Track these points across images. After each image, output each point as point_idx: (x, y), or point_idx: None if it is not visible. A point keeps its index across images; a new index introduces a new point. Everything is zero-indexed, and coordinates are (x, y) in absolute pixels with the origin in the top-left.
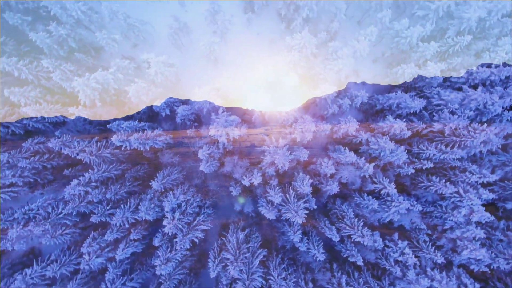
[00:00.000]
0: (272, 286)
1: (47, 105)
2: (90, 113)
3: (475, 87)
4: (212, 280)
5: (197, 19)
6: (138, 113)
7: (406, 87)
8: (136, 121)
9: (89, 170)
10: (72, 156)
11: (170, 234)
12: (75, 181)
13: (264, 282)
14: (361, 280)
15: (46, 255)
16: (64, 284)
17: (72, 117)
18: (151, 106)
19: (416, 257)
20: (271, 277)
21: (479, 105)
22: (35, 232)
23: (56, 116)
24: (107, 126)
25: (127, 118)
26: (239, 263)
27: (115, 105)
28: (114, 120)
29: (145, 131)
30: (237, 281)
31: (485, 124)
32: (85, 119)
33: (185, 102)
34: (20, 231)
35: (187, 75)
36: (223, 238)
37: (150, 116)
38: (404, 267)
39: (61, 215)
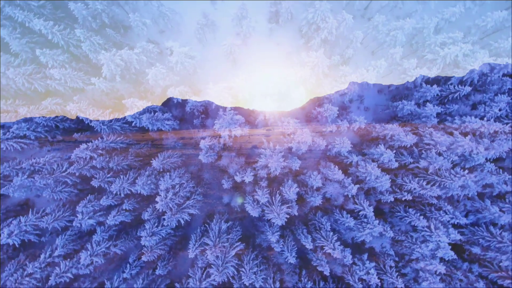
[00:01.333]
0: (243, 277)
1: (72, 71)
2: (109, 86)
3: (465, 134)
4: (188, 262)
5: (224, 20)
6: (152, 94)
7: (403, 122)
8: (150, 102)
9: (98, 138)
10: (86, 122)
11: (160, 210)
12: (84, 145)
13: (236, 272)
14: None
15: (40, 208)
16: (52, 238)
17: (93, 86)
18: (166, 91)
19: (379, 279)
20: (243, 270)
21: (465, 152)
22: (37, 183)
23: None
24: (123, 101)
25: (141, 97)
26: (217, 250)
27: (132, 83)
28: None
29: (156, 113)
30: (212, 266)
31: (467, 171)
32: (102, 91)
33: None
34: (24, 180)
35: (205, 69)
36: (207, 225)
37: (161, 100)
38: (367, 286)
39: (64, 173)
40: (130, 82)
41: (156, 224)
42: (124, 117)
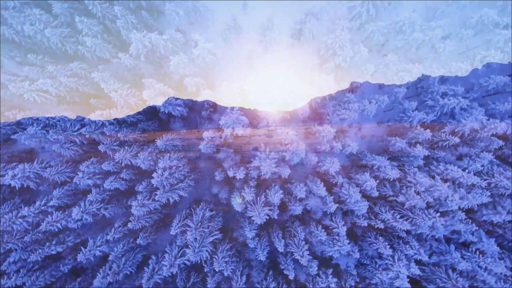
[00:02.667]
0: (214, 263)
1: (102, 42)
2: (133, 63)
3: (445, 181)
4: (167, 240)
5: (251, 26)
6: (170, 79)
7: (392, 157)
8: (166, 86)
9: (113, 108)
10: (106, 91)
11: (153, 186)
12: (99, 112)
13: (209, 257)
14: None
15: (42, 160)
16: (49, 189)
17: (119, 60)
18: (184, 79)
19: None
20: (216, 257)
21: (441, 196)
22: (50, 135)
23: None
24: (143, 80)
25: (160, 80)
26: (197, 233)
27: (155, 66)
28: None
29: (170, 98)
30: (189, 247)
31: (439, 214)
32: (126, 66)
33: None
34: (38, 130)
35: (223, 67)
36: (192, 210)
37: (177, 87)
38: None
39: (75, 133)
40: (152, 64)
41: (147, 198)
42: (142, 95)
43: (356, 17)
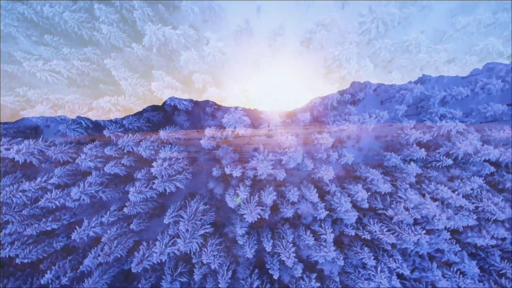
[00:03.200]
0: (203, 256)
1: (117, 30)
2: (144, 54)
3: (435, 200)
4: (159, 229)
5: (262, 29)
6: (178, 73)
7: (386, 171)
8: (174, 80)
9: (122, 95)
10: (116, 78)
11: (152, 174)
12: (107, 98)
13: (198, 249)
14: None
15: (45, 138)
16: (51, 167)
17: (131, 50)
18: (192, 75)
19: None
20: (205, 249)
21: (429, 215)
22: (56, 115)
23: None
24: (152, 71)
25: (169, 73)
26: (189, 224)
27: (165, 59)
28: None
29: (177, 91)
30: (180, 237)
31: (425, 231)
32: (138, 56)
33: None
34: (47, 109)
35: (231, 66)
36: (187, 202)
37: (185, 82)
38: None
39: (83, 115)
40: (163, 56)
41: (145, 185)
42: (151, 86)
43: (365, 33)
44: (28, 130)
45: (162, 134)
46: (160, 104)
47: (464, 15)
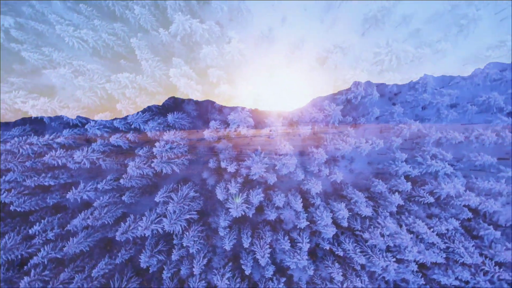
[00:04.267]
0: (183, 239)
1: (148, 14)
2: (168, 41)
3: (410, 232)
4: (148, 206)
5: (283, 39)
6: (196, 64)
7: (371, 196)
8: (191, 70)
9: (140, 75)
10: (138, 57)
11: (153, 153)
12: (126, 74)
13: (180, 232)
14: (237, 285)
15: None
16: (59, 127)
17: (157, 34)
18: (209, 68)
19: None
20: (187, 233)
21: (401, 245)
22: (76, 80)
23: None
24: (173, 58)
25: (187, 63)
26: (177, 207)
27: (187, 49)
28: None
29: (191, 81)
30: (166, 217)
31: (395, 259)
32: (162, 41)
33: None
34: (68, 73)
35: (247, 68)
36: (179, 186)
37: (200, 74)
38: None
39: (99, 85)
40: (186, 46)
41: (144, 162)
42: (168, 69)
43: (378, 63)
44: (45, 88)
45: (170, 118)
46: (174, 90)
47: (474, 65)
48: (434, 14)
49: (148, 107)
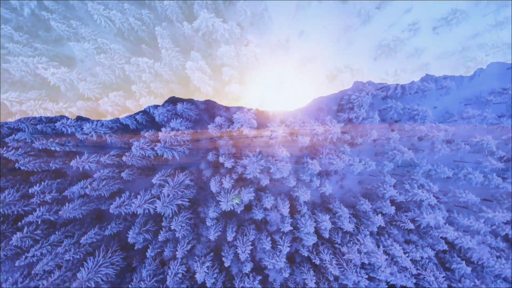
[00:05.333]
0: (172, 222)
1: (175, 6)
2: (190, 34)
3: (386, 253)
4: (143, 186)
5: (298, 51)
6: (212, 60)
7: (355, 214)
8: (207, 66)
9: (158, 62)
10: (159, 45)
11: (158, 137)
12: (146, 59)
13: (170, 215)
14: (215, 274)
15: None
16: (74, 97)
17: (181, 26)
18: (223, 67)
19: None
20: (176, 217)
21: (376, 264)
22: (98, 57)
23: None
24: (192, 51)
25: (204, 57)
26: (171, 191)
27: (205, 44)
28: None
29: (205, 76)
30: (159, 199)
31: (367, 276)
32: (184, 33)
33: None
34: (91, 48)
35: (259, 71)
36: (176, 172)
37: (214, 70)
38: None
39: (119, 64)
40: (205, 42)
41: (147, 144)
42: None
43: (384, 89)
44: (65, 58)
45: (179, 106)
46: (187, 81)
47: (475, 107)
48: (445, 52)
49: (160, 93)
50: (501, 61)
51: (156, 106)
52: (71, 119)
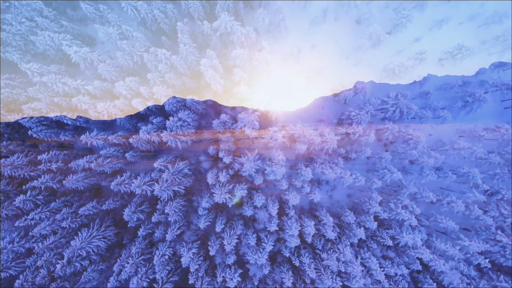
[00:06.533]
0: (166, 206)
1: (199, 5)
2: (209, 33)
3: (363, 265)
4: (145, 169)
5: (308, 63)
6: (226, 60)
7: (340, 224)
8: (220, 64)
9: (175, 55)
10: (178, 40)
11: (165, 125)
12: (164, 50)
13: (166, 199)
14: (199, 261)
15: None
16: (92, 77)
17: (201, 24)
18: (235, 68)
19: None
20: (170, 202)
21: (351, 273)
22: (121, 43)
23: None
24: (208, 49)
25: (218, 56)
26: (170, 176)
27: (222, 44)
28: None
29: (217, 74)
30: (158, 183)
31: (341, 284)
32: (203, 31)
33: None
34: (115, 33)
35: (269, 76)
36: (176, 160)
37: (226, 70)
38: (224, 284)
39: (139, 52)
40: (221, 42)
41: (154, 130)
42: (200, 58)
43: (383, 111)
44: (86, 37)
45: (189, 100)
46: (199, 77)
47: (467, 140)
48: (446, 84)
49: (173, 83)
50: (498, 100)
51: (167, 96)
52: (86, 96)
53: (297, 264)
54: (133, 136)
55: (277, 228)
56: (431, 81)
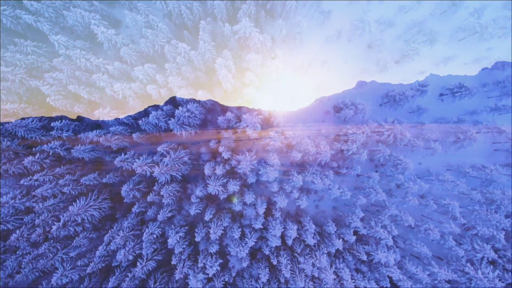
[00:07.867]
0: (162, 190)
1: (223, 8)
2: (228, 35)
3: (336, 274)
4: (149, 151)
5: (316, 77)
6: (240, 61)
7: (321, 232)
8: (234, 64)
9: (194, 50)
10: (199, 37)
11: (173, 114)
12: (184, 44)
13: (163, 183)
14: (184, 245)
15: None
16: (114, 57)
17: (222, 26)
18: (247, 70)
19: (212, 276)
20: (167, 186)
21: (324, 280)
22: (145, 32)
23: None
24: (225, 49)
25: (234, 57)
26: (170, 162)
27: (238, 47)
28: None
29: (229, 74)
30: (158, 166)
31: (312, 285)
32: (223, 32)
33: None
34: (141, 21)
35: (277, 85)
36: (178, 147)
37: (239, 71)
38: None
39: (162, 41)
40: (239, 45)
41: (163, 116)
42: (217, 57)
43: (378, 133)
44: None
45: (200, 93)
46: (212, 73)
47: (453, 174)
48: (441, 118)
49: (187, 77)
50: (489, 141)
51: (181, 86)
52: (106, 74)
53: (274, 263)
54: (143, 118)
55: (262, 227)
56: (428, 113)
